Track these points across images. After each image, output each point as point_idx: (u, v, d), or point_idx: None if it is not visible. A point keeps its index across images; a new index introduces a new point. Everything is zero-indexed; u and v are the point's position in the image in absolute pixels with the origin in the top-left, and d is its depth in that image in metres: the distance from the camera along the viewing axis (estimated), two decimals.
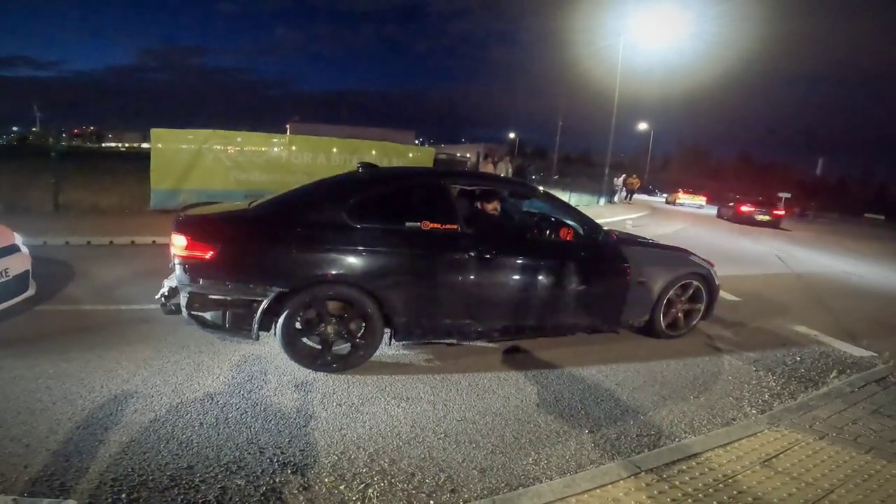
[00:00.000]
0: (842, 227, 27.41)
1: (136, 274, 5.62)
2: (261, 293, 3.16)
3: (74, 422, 2.53)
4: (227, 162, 9.76)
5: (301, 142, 10.59)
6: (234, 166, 9.82)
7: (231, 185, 9.82)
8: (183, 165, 9.47)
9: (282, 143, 10.38)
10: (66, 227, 7.52)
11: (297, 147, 10.41)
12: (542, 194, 4.41)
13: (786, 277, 8.48)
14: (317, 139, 10.88)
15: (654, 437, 2.87)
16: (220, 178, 9.72)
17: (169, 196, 9.46)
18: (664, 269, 4.31)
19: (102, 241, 7.17)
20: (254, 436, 2.52)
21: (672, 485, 2.31)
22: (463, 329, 3.63)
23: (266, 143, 10.31)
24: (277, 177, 10.12)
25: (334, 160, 10.52)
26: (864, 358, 4.41)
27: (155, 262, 6.13)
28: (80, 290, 4.92)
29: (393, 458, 2.44)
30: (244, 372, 3.28)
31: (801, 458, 2.61)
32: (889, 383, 3.72)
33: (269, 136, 10.62)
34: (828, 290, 7.62)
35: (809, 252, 12.83)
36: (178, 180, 9.47)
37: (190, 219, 3.49)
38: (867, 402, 3.36)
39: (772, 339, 4.82)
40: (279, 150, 10.20)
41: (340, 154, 10.63)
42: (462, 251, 3.50)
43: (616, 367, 3.84)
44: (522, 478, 2.38)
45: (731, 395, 3.52)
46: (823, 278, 8.75)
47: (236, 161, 9.84)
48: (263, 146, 10.20)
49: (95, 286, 5.07)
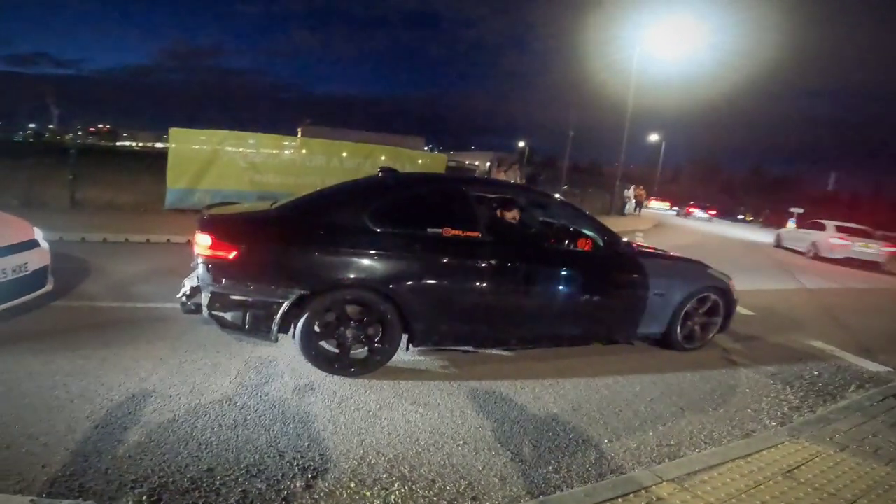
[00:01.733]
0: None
1: (152, 272, 5.66)
2: (282, 295, 3.17)
3: (93, 420, 2.53)
4: (242, 163, 9.82)
5: (315, 145, 10.66)
6: (249, 167, 9.89)
7: (245, 186, 9.89)
8: (199, 165, 9.55)
9: (296, 145, 10.45)
10: (83, 224, 7.59)
11: (312, 150, 10.49)
12: (562, 204, 4.41)
13: (799, 293, 8.41)
14: (330, 143, 10.94)
15: (673, 447, 2.85)
16: (234, 178, 9.79)
17: (184, 195, 9.54)
18: (682, 281, 4.29)
19: (118, 238, 7.24)
20: (273, 439, 2.52)
21: (694, 494, 2.29)
22: (480, 336, 3.62)
23: (280, 145, 10.39)
24: (291, 179, 10.20)
25: (347, 164, 10.57)
26: (880, 373, 4.36)
27: (170, 260, 6.19)
28: (97, 286, 4.95)
29: (413, 465, 2.43)
30: (261, 374, 3.29)
31: (823, 470, 2.58)
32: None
33: (283, 138, 10.70)
34: (842, 307, 7.55)
35: (819, 268, 12.72)
36: (194, 180, 9.55)
37: (214, 218, 3.52)
38: (886, 415, 3.33)
39: (788, 354, 4.77)
40: (293, 153, 10.27)
41: (353, 158, 10.69)
42: (483, 259, 3.50)
43: (633, 377, 3.81)
44: (543, 486, 2.37)
45: (750, 407, 3.48)
46: (835, 295, 8.67)
47: (251, 162, 9.91)
48: (277, 148, 10.27)
49: (111, 283, 5.11)
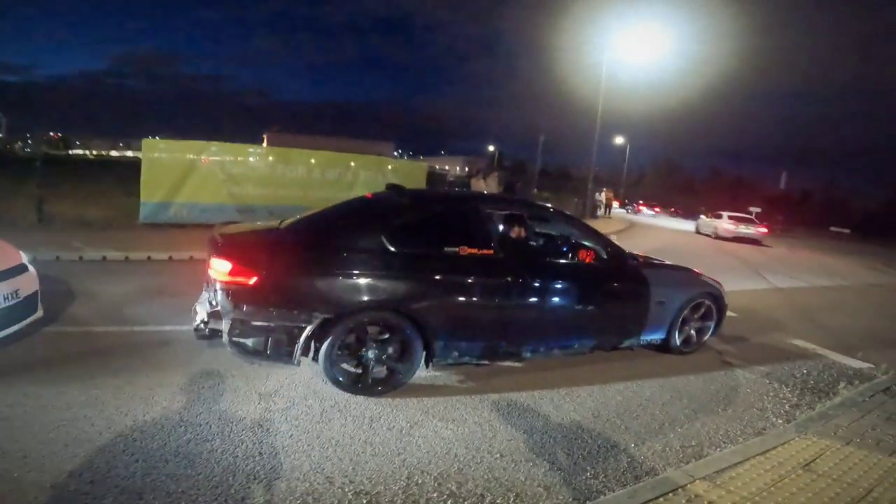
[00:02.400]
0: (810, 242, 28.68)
1: (140, 292, 5.48)
2: (305, 320, 3.15)
3: (130, 454, 2.46)
4: (221, 175, 9.62)
5: (296, 156, 10.52)
6: (228, 179, 9.68)
7: (224, 198, 9.71)
8: (175, 177, 9.30)
9: (278, 157, 10.29)
10: (55, 242, 7.24)
11: (292, 161, 10.34)
12: (566, 217, 4.54)
13: (772, 293, 8.86)
14: (312, 153, 10.82)
15: (696, 447, 3.00)
16: (213, 191, 9.59)
17: (159, 209, 9.26)
18: (680, 289, 4.50)
19: (95, 256, 6.95)
20: (316, 464, 2.51)
21: (728, 490, 2.44)
22: (497, 350, 3.70)
23: (262, 156, 10.22)
24: (271, 191, 10.07)
25: (329, 175, 10.49)
26: (863, 370, 4.67)
27: (155, 279, 6.02)
28: (86, 310, 4.76)
29: (459, 481, 2.47)
30: (284, 397, 3.26)
31: (836, 462, 2.78)
32: (894, 393, 3.96)
33: (267, 149, 10.56)
34: (814, 305, 8.01)
35: (786, 267, 13.42)
36: (170, 193, 9.29)
37: (231, 243, 3.46)
38: (879, 410, 3.59)
39: (776, 353, 5.05)
40: (274, 164, 10.11)
41: (335, 169, 10.61)
42: (498, 275, 3.58)
43: (641, 383, 3.96)
44: (586, 492, 2.46)
45: (755, 406, 3.68)
46: (806, 294, 9.18)
47: (230, 174, 9.70)
48: (258, 159, 10.09)
49: (100, 306, 4.92)
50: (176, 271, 6.68)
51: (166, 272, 6.60)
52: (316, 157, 10.64)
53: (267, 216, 9.87)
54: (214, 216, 9.60)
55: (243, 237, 3.74)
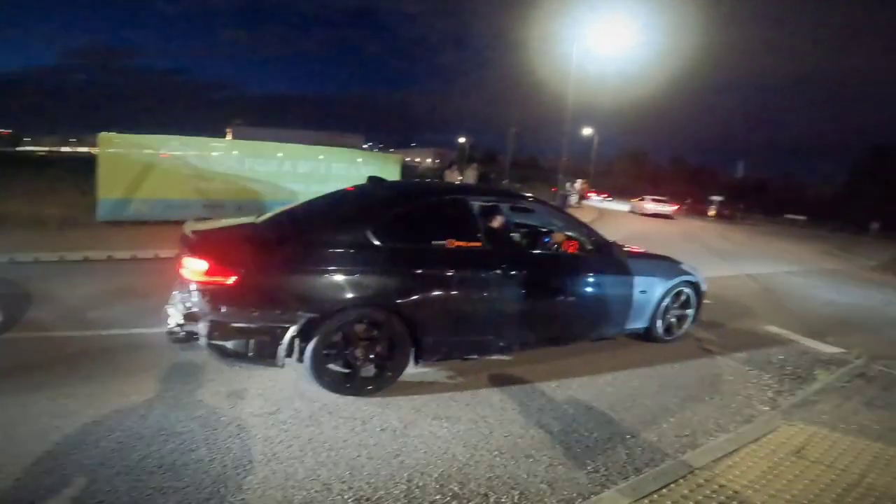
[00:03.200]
0: (768, 228, 29.87)
1: (103, 294, 5.17)
2: (289, 320, 3.00)
3: (112, 468, 2.29)
4: (186, 170, 9.19)
5: (267, 149, 10.16)
6: (194, 174, 9.27)
7: (190, 194, 9.29)
8: (135, 173, 8.82)
9: (246, 149, 9.92)
10: (7, 242, 6.76)
11: (263, 155, 9.99)
12: (552, 209, 4.51)
13: (739, 279, 9.14)
14: (283, 146, 10.47)
15: (690, 437, 3.03)
16: (177, 186, 9.15)
17: (119, 206, 8.78)
18: (661, 278, 4.54)
19: (52, 256, 6.51)
20: (311, 471, 2.40)
21: (728, 479, 2.46)
22: (486, 344, 3.64)
23: (228, 149, 9.82)
24: (241, 185, 9.71)
25: (301, 168, 10.19)
26: (836, 355, 4.84)
27: (117, 280, 5.71)
28: (46, 314, 4.45)
29: (461, 481, 2.41)
30: (268, 401, 3.11)
31: (826, 449, 2.85)
32: (870, 378, 4.12)
33: (233, 142, 10.16)
34: (780, 291, 8.31)
35: (748, 252, 13.91)
36: (130, 189, 8.81)
37: (207, 240, 3.27)
38: (859, 395, 3.72)
39: (752, 340, 5.18)
40: (243, 158, 9.73)
41: (307, 162, 10.31)
42: (486, 268, 3.52)
43: (628, 373, 3.99)
44: (590, 486, 2.44)
45: (740, 394, 3.76)
46: (771, 280, 9.52)
47: (196, 168, 9.28)
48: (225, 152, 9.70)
49: (61, 309, 4.61)
50: (140, 271, 6.35)
51: (130, 272, 6.26)
52: (287, 150, 10.31)
53: (236, 211, 9.54)
54: (180, 212, 9.18)
55: (219, 234, 3.54)
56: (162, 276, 6.06)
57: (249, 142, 10.22)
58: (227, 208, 9.55)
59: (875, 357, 4.67)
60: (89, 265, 6.53)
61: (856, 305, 7.81)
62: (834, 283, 10.03)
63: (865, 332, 6.03)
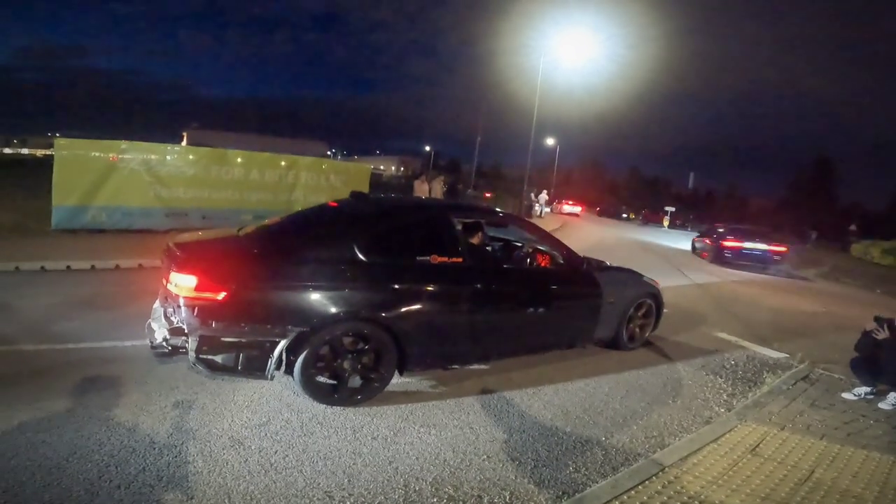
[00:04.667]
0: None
1: (66, 306, 5.00)
2: (279, 334, 3.07)
3: (109, 481, 2.30)
4: (147, 176, 8.93)
5: (233, 156, 9.98)
6: (155, 181, 9.01)
7: (151, 201, 9.04)
8: (92, 179, 8.49)
9: (211, 156, 9.71)
10: None
11: (228, 162, 9.81)
12: (527, 225, 4.74)
13: (690, 288, 9.73)
14: (251, 154, 10.30)
15: (658, 438, 3.29)
16: (137, 193, 8.87)
17: (75, 213, 8.44)
18: (626, 290, 4.87)
19: (7, 266, 6.21)
20: (311, 480, 2.48)
21: (694, 475, 2.72)
22: (468, 354, 3.81)
23: (193, 156, 9.59)
24: (205, 193, 9.51)
25: (269, 176, 10.08)
26: (780, 359, 5.30)
27: (80, 291, 5.55)
28: (9, 327, 4.28)
29: (454, 485, 2.55)
30: (258, 412, 3.15)
31: (777, 447, 3.17)
32: (813, 380, 4.55)
33: (198, 149, 9.93)
34: (727, 299, 8.91)
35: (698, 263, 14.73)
36: (87, 196, 8.48)
37: (195, 255, 3.28)
38: (803, 396, 4.12)
39: (706, 346, 5.59)
40: (208, 165, 9.53)
41: (275, 170, 10.21)
42: (469, 283, 3.69)
43: (598, 379, 4.25)
44: (573, 485, 2.64)
45: (699, 397, 4.08)
46: (719, 288, 10.17)
47: (157, 175, 9.03)
48: (189, 159, 9.47)
49: (25, 322, 4.44)
50: (102, 281, 6.15)
51: (91, 283, 6.06)
52: (254, 157, 10.17)
53: (202, 221, 9.35)
54: (140, 221, 8.94)
55: (206, 248, 3.56)
56: (125, 287, 5.95)
57: (214, 149, 9.99)
58: (191, 217, 9.34)
59: (816, 361, 5.14)
60: (47, 275, 6.27)
61: (796, 312, 8.48)
62: (775, 291, 10.81)
63: (806, 337, 6.59)
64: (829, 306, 9.60)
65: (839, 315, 8.63)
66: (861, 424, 3.67)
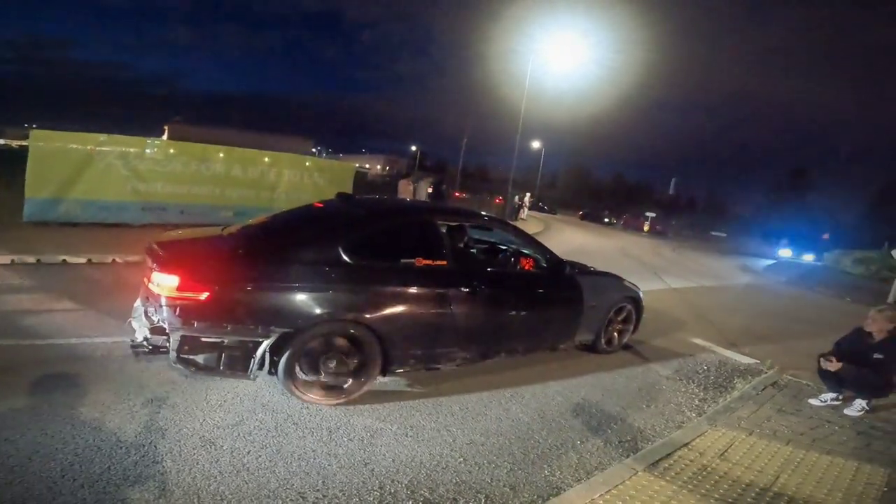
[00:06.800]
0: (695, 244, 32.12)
1: (36, 301, 4.86)
2: (262, 334, 3.05)
3: (73, 479, 2.24)
4: (124, 170, 8.72)
5: (214, 151, 9.81)
6: (132, 175, 8.81)
7: (127, 195, 8.83)
8: (67, 172, 8.26)
9: (191, 151, 9.52)
10: None
11: (210, 158, 9.64)
12: (511, 229, 4.76)
13: (667, 293, 9.89)
14: (230, 150, 10.14)
15: (631, 441, 3.34)
16: (113, 187, 8.66)
17: (48, 206, 8.20)
18: (608, 294, 4.93)
19: None
20: (284, 481, 2.45)
21: (668, 478, 2.77)
22: (450, 356, 3.81)
23: (172, 150, 9.39)
24: (184, 188, 9.34)
25: (251, 173, 9.93)
26: (751, 365, 5.42)
27: (50, 285, 5.40)
28: None
29: (430, 487, 2.55)
30: (230, 412, 3.10)
31: (745, 451, 3.24)
32: (781, 386, 4.66)
33: (177, 144, 9.71)
34: (703, 305, 9.08)
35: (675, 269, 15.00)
36: (61, 189, 8.25)
37: (178, 254, 3.23)
38: (771, 402, 4.21)
39: (680, 351, 5.68)
40: (188, 160, 9.35)
41: (256, 167, 10.06)
42: (453, 286, 3.69)
43: (575, 382, 4.29)
44: (547, 488, 2.67)
45: (672, 401, 4.15)
46: (695, 293, 10.37)
47: (135, 169, 8.83)
48: (168, 154, 9.28)
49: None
50: (73, 277, 5.99)
51: (62, 277, 5.89)
52: (235, 153, 10.02)
53: (179, 216, 9.17)
54: (115, 215, 8.73)
55: (190, 248, 3.50)
56: (97, 282, 5.81)
57: (194, 144, 9.80)
58: (169, 212, 9.16)
59: (784, 367, 5.27)
60: (17, 269, 6.06)
61: (768, 318, 8.69)
62: (749, 297, 11.07)
63: (776, 343, 6.76)
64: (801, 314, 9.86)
65: (810, 322, 8.88)
66: (826, 430, 3.77)
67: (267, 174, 10.20)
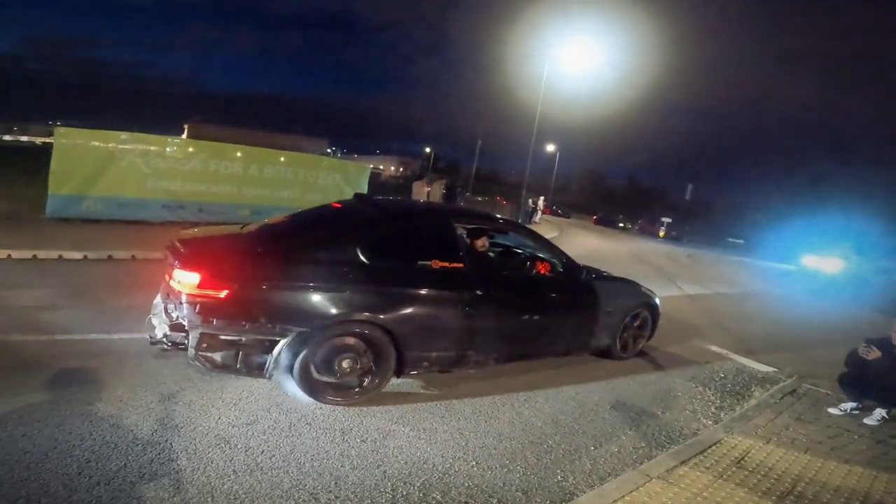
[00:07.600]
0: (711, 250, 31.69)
1: (57, 296, 4.96)
2: (280, 333, 3.08)
3: (89, 477, 2.27)
4: (145, 168, 8.89)
5: (232, 150, 9.95)
6: (153, 173, 8.97)
7: (147, 193, 9.00)
8: (90, 169, 8.46)
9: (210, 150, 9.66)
10: None
11: (228, 157, 9.78)
12: (527, 232, 4.75)
13: (683, 300, 9.76)
14: (249, 149, 10.26)
15: (645, 448, 3.29)
16: (134, 185, 8.84)
17: (70, 202, 8.40)
18: (624, 299, 4.87)
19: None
20: (297, 481, 2.46)
21: (680, 487, 2.72)
22: (464, 359, 3.80)
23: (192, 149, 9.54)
24: (202, 187, 9.49)
25: (268, 172, 10.05)
26: (769, 373, 5.32)
27: (71, 281, 5.52)
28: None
29: (442, 490, 2.54)
30: (245, 411, 3.13)
31: (762, 459, 3.18)
32: (800, 395, 4.57)
33: (196, 142, 9.87)
34: (719, 312, 8.94)
35: (688, 274, 14.81)
36: (83, 185, 8.44)
37: (199, 252, 3.28)
38: (789, 411, 4.13)
39: (696, 358, 5.60)
40: (207, 158, 9.50)
41: (274, 167, 10.17)
42: (469, 289, 3.68)
43: (588, 387, 4.25)
44: (560, 494, 2.64)
45: (687, 409, 4.09)
46: (712, 300, 10.22)
47: (155, 167, 8.99)
48: (188, 153, 9.43)
49: (12, 312, 4.40)
50: (94, 272, 6.11)
51: (83, 273, 6.01)
52: (253, 152, 10.15)
53: (198, 213, 9.31)
54: (135, 212, 8.90)
55: (210, 245, 3.56)
56: (117, 278, 5.91)
57: (214, 143, 9.94)
58: (188, 210, 9.31)
59: (803, 375, 5.17)
60: (39, 264, 6.21)
61: (787, 326, 8.53)
62: (767, 304, 10.88)
63: (794, 351, 6.62)
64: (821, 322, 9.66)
65: (830, 330, 8.69)
66: (845, 439, 3.69)
67: (284, 174, 10.31)
